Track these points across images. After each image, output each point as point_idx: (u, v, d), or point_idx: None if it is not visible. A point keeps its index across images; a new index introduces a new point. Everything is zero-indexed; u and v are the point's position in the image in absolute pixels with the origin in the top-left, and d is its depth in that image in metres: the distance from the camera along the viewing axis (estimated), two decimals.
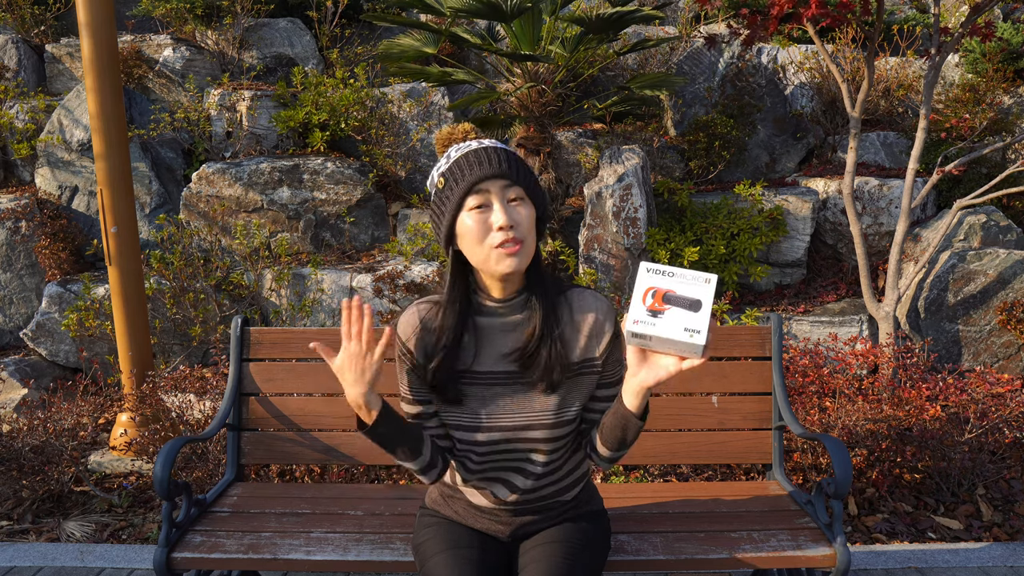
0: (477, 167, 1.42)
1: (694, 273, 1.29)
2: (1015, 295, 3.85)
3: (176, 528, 1.95)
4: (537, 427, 1.55)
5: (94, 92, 3.18)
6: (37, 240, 4.54)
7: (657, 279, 1.30)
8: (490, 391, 1.55)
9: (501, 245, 1.42)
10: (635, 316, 1.28)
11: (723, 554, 1.87)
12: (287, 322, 4.23)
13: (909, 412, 2.84)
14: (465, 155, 1.45)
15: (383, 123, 4.93)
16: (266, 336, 2.37)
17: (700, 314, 1.26)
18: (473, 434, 1.56)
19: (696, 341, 1.25)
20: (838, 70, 3.62)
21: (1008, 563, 2.57)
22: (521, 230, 1.43)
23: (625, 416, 1.45)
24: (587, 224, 4.15)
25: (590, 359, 1.56)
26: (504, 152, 1.46)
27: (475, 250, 1.45)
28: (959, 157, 4.32)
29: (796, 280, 4.52)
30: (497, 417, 1.55)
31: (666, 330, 1.26)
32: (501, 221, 1.41)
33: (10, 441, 3.01)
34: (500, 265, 1.44)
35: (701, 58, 5.12)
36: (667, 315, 1.27)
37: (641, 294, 1.29)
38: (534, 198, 1.48)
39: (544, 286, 1.54)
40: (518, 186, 1.44)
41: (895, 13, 6.13)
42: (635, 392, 1.40)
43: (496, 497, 1.63)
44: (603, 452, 1.56)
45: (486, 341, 1.55)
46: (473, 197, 1.42)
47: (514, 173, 1.44)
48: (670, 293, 1.28)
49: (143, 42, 5.48)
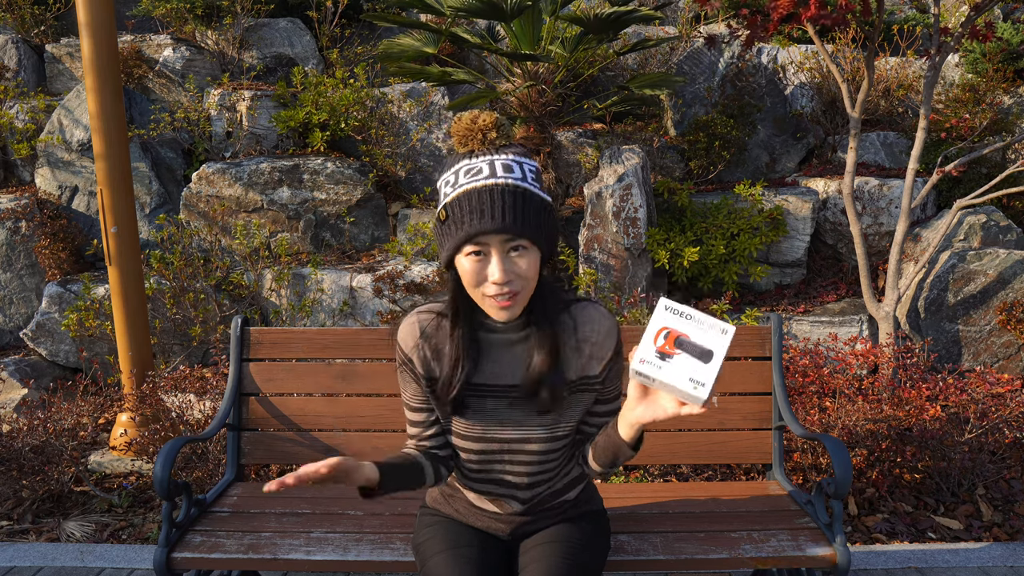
0: (478, 218, 1.34)
1: (713, 321, 1.24)
2: (1015, 295, 3.85)
3: (176, 528, 1.95)
4: (533, 440, 1.56)
5: (94, 92, 3.18)
6: (37, 240, 4.54)
7: (673, 320, 1.25)
8: (487, 404, 1.55)
9: (494, 297, 1.39)
10: (642, 355, 1.24)
11: (723, 554, 1.87)
12: (287, 322, 4.23)
13: (909, 412, 2.84)
14: (470, 194, 1.37)
15: (383, 123, 4.93)
16: (266, 336, 2.37)
17: (709, 366, 1.22)
18: (469, 443, 1.58)
19: (698, 394, 1.21)
20: (838, 70, 3.61)
21: (1008, 563, 2.57)
22: (517, 283, 1.39)
23: (618, 444, 1.45)
24: (587, 224, 4.15)
25: (589, 377, 1.54)
26: (513, 196, 1.36)
27: (470, 291, 1.43)
28: (959, 157, 4.32)
29: (796, 280, 4.52)
30: (494, 429, 1.56)
31: (670, 377, 1.22)
32: (496, 276, 1.36)
33: (10, 441, 3.01)
34: (492, 312, 1.43)
35: (701, 58, 5.12)
36: (675, 360, 1.23)
37: (654, 333, 1.25)
38: (540, 242, 1.40)
39: (547, 304, 1.50)
40: (521, 239, 1.37)
41: (895, 13, 6.13)
42: (630, 424, 1.38)
43: (495, 499, 1.64)
44: (594, 466, 1.57)
45: (485, 355, 1.53)
46: (471, 246, 1.37)
47: (519, 225, 1.35)
48: (683, 338, 1.24)
49: (143, 42, 5.48)
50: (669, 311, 1.25)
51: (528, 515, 1.66)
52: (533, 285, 1.43)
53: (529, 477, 1.60)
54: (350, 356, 2.37)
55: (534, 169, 1.44)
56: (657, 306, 1.27)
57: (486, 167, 1.40)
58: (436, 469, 1.59)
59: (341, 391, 2.35)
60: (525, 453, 1.57)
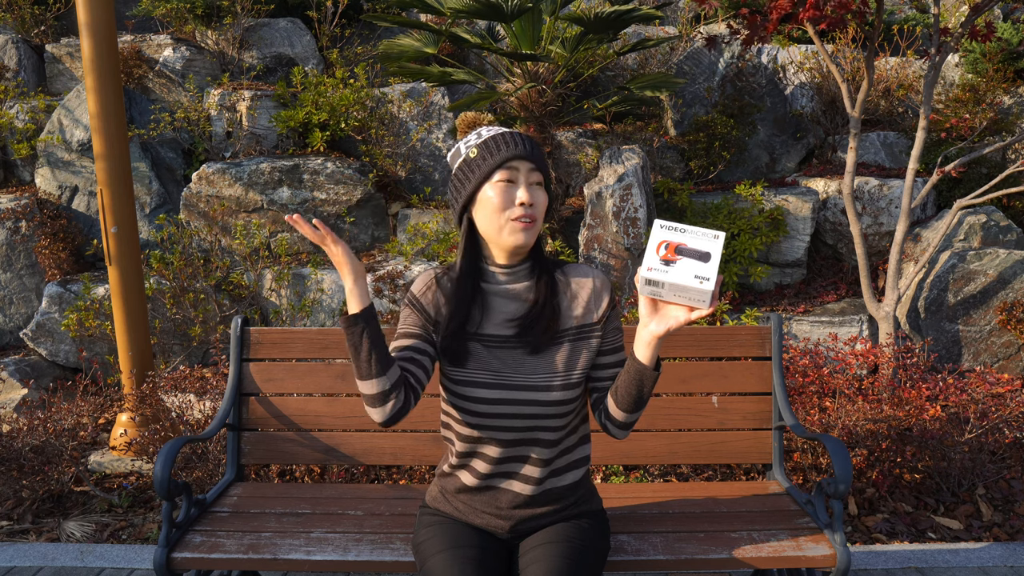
0: (512, 146, 1.56)
1: (704, 230, 1.42)
2: (1015, 295, 3.85)
3: (176, 528, 1.95)
4: (541, 388, 1.58)
5: (94, 92, 3.18)
6: (37, 240, 4.54)
7: (670, 234, 1.41)
8: (495, 353, 1.61)
9: (518, 219, 1.54)
10: (649, 264, 1.39)
11: (723, 554, 1.87)
12: (287, 322, 4.23)
13: (909, 412, 2.84)
14: (499, 135, 1.59)
15: (383, 123, 4.93)
16: (266, 336, 2.37)
17: (709, 264, 1.37)
18: (477, 390, 1.59)
19: (705, 287, 1.36)
20: (838, 70, 3.62)
21: (1008, 563, 2.57)
22: (537, 209, 1.57)
23: (640, 370, 1.50)
24: (587, 224, 4.15)
25: (589, 324, 1.64)
26: (531, 140, 1.61)
27: (492, 218, 1.56)
28: (959, 157, 4.32)
29: (796, 280, 4.52)
30: (502, 375, 1.60)
31: (678, 277, 1.37)
32: (524, 198, 1.55)
33: (10, 441, 3.01)
34: (513, 236, 1.56)
35: (701, 58, 5.12)
36: (679, 264, 1.38)
37: (655, 246, 1.40)
38: (547, 189, 1.63)
39: (544, 260, 1.67)
40: (540, 172, 1.58)
41: (895, 13, 6.13)
42: (647, 343, 1.47)
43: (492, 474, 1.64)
44: (618, 417, 1.58)
45: (491, 306, 1.63)
46: (503, 171, 1.55)
47: (540, 160, 1.59)
48: (682, 246, 1.40)
49: (143, 42, 5.48)
50: (664, 228, 1.42)
51: (528, 506, 1.66)
52: (541, 224, 1.61)
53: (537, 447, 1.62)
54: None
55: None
56: (654, 226, 1.43)
57: (500, 127, 1.64)
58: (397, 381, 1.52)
59: (341, 391, 2.35)
60: (534, 404, 1.59)
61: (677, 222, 1.42)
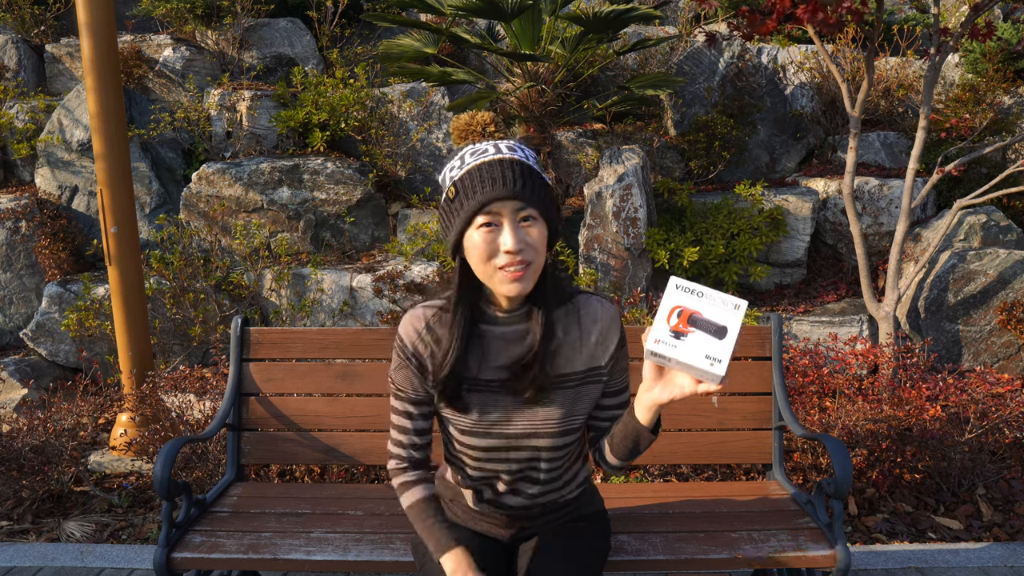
0: (490, 185, 1.35)
1: (724, 296, 1.25)
2: (1015, 295, 3.84)
3: (176, 528, 1.95)
4: (542, 436, 1.54)
5: (94, 92, 3.18)
6: (37, 240, 4.54)
7: (685, 298, 1.25)
8: (493, 398, 1.52)
9: (505, 268, 1.38)
10: (657, 335, 1.24)
11: (723, 554, 1.87)
12: (287, 322, 4.23)
13: (909, 412, 2.84)
14: (479, 167, 1.38)
15: (383, 123, 4.92)
16: (266, 336, 2.37)
17: (724, 342, 1.22)
18: (474, 439, 1.55)
19: (716, 371, 1.21)
20: (838, 70, 3.61)
21: (1008, 563, 2.57)
22: (529, 253, 1.38)
23: (637, 430, 1.44)
24: (587, 224, 4.15)
25: (596, 368, 1.54)
26: (521, 168, 1.38)
27: (480, 267, 1.40)
28: (959, 157, 4.32)
29: (796, 280, 4.52)
30: (501, 424, 1.53)
31: (687, 355, 1.23)
32: (509, 245, 1.35)
33: (10, 441, 3.01)
34: (503, 287, 1.40)
35: (701, 58, 5.12)
36: (690, 338, 1.23)
37: (667, 312, 1.25)
38: (547, 216, 1.41)
39: (547, 299, 1.50)
40: (531, 207, 1.37)
41: (895, 13, 6.13)
42: (647, 407, 1.39)
43: (495, 497, 1.63)
44: (613, 461, 1.56)
45: (489, 349, 1.52)
46: (483, 216, 1.36)
47: (528, 193, 1.37)
48: (696, 315, 1.24)
49: (143, 42, 5.48)
50: (680, 289, 1.25)
51: (528, 520, 1.65)
52: (542, 260, 1.42)
53: (536, 473, 1.58)
54: (350, 356, 2.37)
55: (535, 155, 1.47)
56: (668, 285, 1.26)
57: (491, 148, 1.43)
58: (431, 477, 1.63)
59: (341, 391, 2.35)
60: (534, 449, 1.55)
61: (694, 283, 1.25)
